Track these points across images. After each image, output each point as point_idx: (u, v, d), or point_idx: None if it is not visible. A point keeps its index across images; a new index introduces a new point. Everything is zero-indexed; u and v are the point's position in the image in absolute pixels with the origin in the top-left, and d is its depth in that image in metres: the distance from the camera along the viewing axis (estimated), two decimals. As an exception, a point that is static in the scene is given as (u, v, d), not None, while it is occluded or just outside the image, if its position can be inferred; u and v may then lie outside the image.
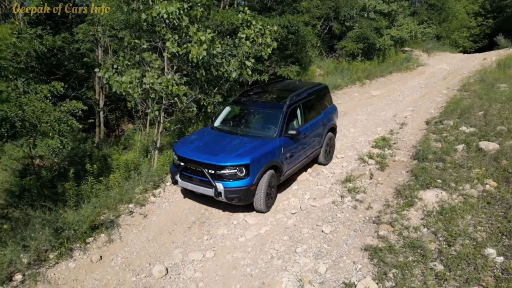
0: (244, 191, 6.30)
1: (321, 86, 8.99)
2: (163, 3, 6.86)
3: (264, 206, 6.69)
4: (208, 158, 6.46)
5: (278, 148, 6.87)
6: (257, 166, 6.36)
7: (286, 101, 7.44)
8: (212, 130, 7.67)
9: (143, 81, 6.92)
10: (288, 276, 4.96)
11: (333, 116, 9.04)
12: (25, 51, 7.07)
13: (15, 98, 5.78)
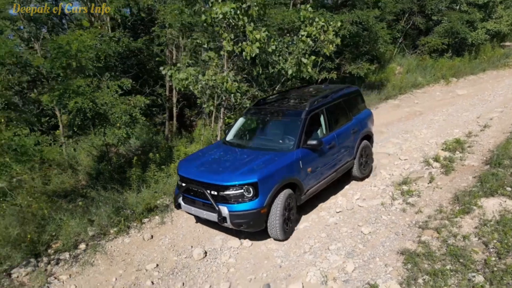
0: (253, 215, 5.33)
1: (351, 89, 8.00)
2: (219, 4, 7.28)
3: (281, 233, 5.67)
4: (210, 177, 5.62)
5: (296, 162, 5.89)
6: (268, 184, 5.40)
7: (305, 106, 6.47)
8: (222, 145, 6.78)
9: (199, 77, 7.42)
10: (315, 271, 4.94)
11: (368, 122, 7.97)
12: (105, 52, 8.11)
13: (90, 92, 6.69)
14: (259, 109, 7.12)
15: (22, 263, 5.59)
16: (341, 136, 6.95)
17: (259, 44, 7.52)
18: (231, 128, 7.16)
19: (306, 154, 6.11)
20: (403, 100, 15.22)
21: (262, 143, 6.59)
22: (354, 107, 7.64)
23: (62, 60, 6.68)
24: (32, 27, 8.71)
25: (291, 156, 5.90)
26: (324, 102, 6.86)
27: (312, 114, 6.47)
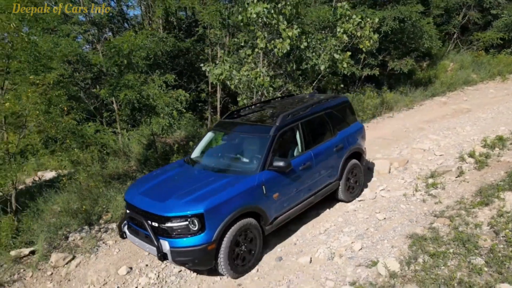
0: (198, 252, 4.48)
1: (338, 100, 6.94)
2: (252, 4, 7.88)
3: (231, 272, 4.82)
4: (151, 205, 4.77)
5: (257, 187, 5.01)
6: (219, 215, 4.55)
7: (276, 122, 5.56)
8: (184, 164, 5.95)
9: (233, 73, 8.09)
10: (324, 249, 5.34)
11: (357, 137, 6.99)
12: (154, 52, 9.10)
13: (137, 86, 7.64)
14: (228, 123, 6.24)
15: (77, 229, 6.64)
16: (320, 155, 6.04)
17: (289, 41, 7.98)
18: (198, 144, 6.42)
19: (272, 177, 5.23)
20: (452, 97, 14.72)
21: (225, 163, 5.84)
22: (339, 120, 6.71)
23: (115, 59, 7.70)
24: (95, 30, 9.99)
25: (253, 180, 5.04)
26: (300, 116, 5.92)
27: (283, 131, 5.59)
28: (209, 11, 9.43)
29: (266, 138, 5.41)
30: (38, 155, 10.74)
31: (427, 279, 4.19)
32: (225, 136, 6.27)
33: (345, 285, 4.39)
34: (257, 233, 5.10)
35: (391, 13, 12.17)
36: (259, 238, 5.15)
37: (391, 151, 9.80)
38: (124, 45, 7.61)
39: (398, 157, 9.19)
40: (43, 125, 5.64)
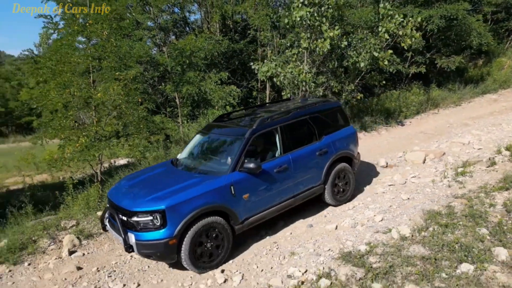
0: (161, 246, 4.81)
1: (327, 105, 7.10)
2: (296, 8, 8.86)
3: (192, 266, 5.09)
4: (123, 200, 5.23)
5: (225, 188, 5.27)
6: (180, 212, 4.85)
7: (253, 125, 5.82)
8: (168, 165, 6.41)
9: (278, 70, 9.13)
10: (349, 220, 6.19)
11: (346, 142, 7.03)
12: (211, 52, 10.44)
13: (197, 82, 8.98)
14: (213, 125, 6.66)
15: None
16: (299, 158, 6.16)
17: (329, 41, 8.84)
18: (186, 146, 6.85)
19: (242, 178, 5.46)
20: (503, 95, 14.47)
21: (202, 163, 6.14)
22: (326, 125, 6.78)
23: (179, 59, 9.11)
24: (162, 35, 11.59)
25: (220, 181, 5.31)
26: (279, 120, 6.10)
27: (258, 134, 5.83)
28: (259, 16, 10.57)
29: (241, 140, 5.68)
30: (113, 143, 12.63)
31: (432, 242, 4.91)
32: (208, 138, 6.49)
33: (361, 244, 5.23)
34: (224, 231, 5.27)
35: (437, 12, 12.43)
36: (226, 236, 5.30)
37: (430, 144, 10.23)
38: (186, 47, 8.98)
39: (436, 149, 9.62)
40: (124, 111, 7.13)
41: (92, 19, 6.77)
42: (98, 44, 7.05)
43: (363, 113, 12.59)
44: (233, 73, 11.95)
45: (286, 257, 5.30)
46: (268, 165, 5.80)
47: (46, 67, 6.81)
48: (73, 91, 6.79)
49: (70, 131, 6.83)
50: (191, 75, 8.85)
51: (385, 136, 11.73)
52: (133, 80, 7.46)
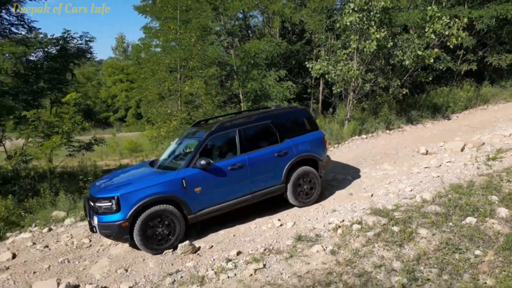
0: (115, 227, 5.69)
1: (292, 111, 7.71)
2: (347, 14, 10.23)
3: (144, 247, 5.86)
4: (93, 190, 6.32)
5: (177, 181, 6.00)
6: (131, 200, 5.68)
7: (212, 128, 6.57)
8: (144, 164, 7.40)
9: (330, 68, 10.56)
10: (383, 190, 7.50)
11: (311, 145, 7.32)
12: (271, 54, 12.13)
13: (259, 79, 10.73)
14: (188, 130, 7.61)
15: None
16: (255, 158, 6.66)
17: (375, 42, 10.09)
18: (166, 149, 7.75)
19: (194, 174, 6.13)
20: (558, 91, 14.46)
21: (168, 162, 6.99)
22: (290, 129, 7.20)
23: (245, 60, 10.92)
24: (229, 38, 13.52)
25: (173, 174, 6.07)
26: (239, 124, 6.75)
27: (216, 135, 6.54)
28: (314, 21, 12.06)
29: (199, 141, 6.46)
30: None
31: (447, 204, 6.13)
32: (181, 141, 7.37)
33: (389, 205, 6.56)
34: (176, 219, 5.97)
35: (487, 12, 12.99)
36: (178, 223, 5.99)
37: (472, 136, 11.04)
38: (251, 49, 10.76)
39: (476, 140, 10.45)
40: (204, 102, 9.07)
41: (182, 29, 8.79)
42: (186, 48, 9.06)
43: (411, 107, 13.51)
44: (289, 71, 13.52)
45: (329, 213, 6.80)
46: (223, 163, 6.43)
47: (147, 67, 8.94)
48: (168, 85, 8.84)
49: (165, 116, 8.90)
50: (255, 73, 10.60)
51: (430, 129, 12.61)
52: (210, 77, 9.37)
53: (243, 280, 4.83)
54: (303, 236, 5.82)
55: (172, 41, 8.78)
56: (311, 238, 5.74)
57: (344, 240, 5.51)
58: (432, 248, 4.97)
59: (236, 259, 5.48)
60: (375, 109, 13.19)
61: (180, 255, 5.88)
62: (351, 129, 11.91)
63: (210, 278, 5.01)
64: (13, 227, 7.95)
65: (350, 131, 11.88)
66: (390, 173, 8.75)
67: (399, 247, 5.09)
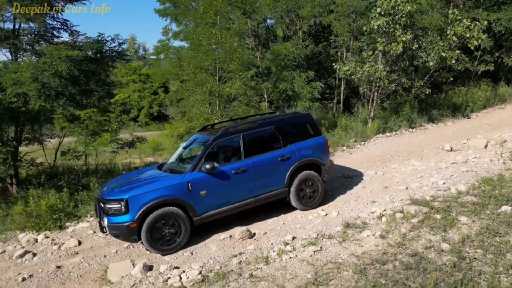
0: (124, 228, 5.95)
1: (296, 116, 7.77)
2: (374, 18, 10.77)
3: (152, 248, 6.13)
4: (103, 192, 6.62)
5: (183, 184, 6.22)
6: (140, 202, 5.92)
7: (217, 133, 6.78)
8: (153, 167, 7.61)
9: (357, 69, 11.11)
10: (417, 183, 8.04)
11: (314, 150, 7.44)
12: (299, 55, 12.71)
13: (290, 79, 11.30)
14: (196, 135, 7.73)
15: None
16: (259, 163, 6.80)
17: (402, 44, 10.63)
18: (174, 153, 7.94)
19: (200, 177, 6.33)
20: None
21: (175, 165, 7.21)
22: (294, 134, 7.34)
23: (276, 61, 11.50)
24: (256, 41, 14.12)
25: (179, 178, 6.30)
26: (244, 129, 6.93)
27: (221, 141, 6.74)
28: (342, 24, 12.64)
29: (205, 145, 6.67)
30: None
31: (482, 194, 6.66)
32: (188, 145, 7.60)
33: (427, 196, 7.10)
34: (181, 220, 6.19)
35: (505, 15, 13.48)
36: (183, 225, 6.21)
37: (493, 134, 11.54)
38: (282, 51, 11.33)
39: (498, 137, 10.95)
40: (243, 101, 9.66)
41: (224, 35, 9.40)
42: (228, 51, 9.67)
43: (431, 107, 14.02)
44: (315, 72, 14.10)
45: (369, 203, 7.35)
46: (227, 167, 6.64)
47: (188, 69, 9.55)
48: (210, 86, 9.44)
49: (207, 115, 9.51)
50: (286, 74, 11.19)
51: (451, 127, 13.12)
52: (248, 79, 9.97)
53: (305, 260, 5.40)
54: (350, 224, 6.37)
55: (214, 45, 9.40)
56: (358, 225, 6.30)
57: (390, 227, 6.06)
58: (474, 233, 5.50)
59: (293, 243, 6.05)
60: (395, 108, 13.71)
61: (238, 240, 6.46)
62: (376, 128, 12.45)
63: (274, 259, 5.58)
64: (70, 217, 8.57)
65: (374, 129, 12.41)
66: (419, 168, 9.28)
67: (443, 232, 5.64)
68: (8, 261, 6.98)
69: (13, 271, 6.53)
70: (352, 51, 12.25)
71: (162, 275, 5.61)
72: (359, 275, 4.74)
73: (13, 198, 9.87)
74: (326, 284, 4.67)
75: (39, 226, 8.03)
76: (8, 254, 7.25)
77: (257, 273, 5.23)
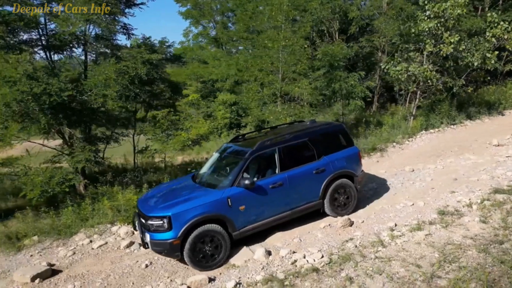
0: (167, 245, 5.90)
1: (330, 127, 7.72)
2: (426, 21, 11.38)
3: (194, 265, 6.08)
4: (144, 207, 6.45)
5: (223, 200, 6.20)
6: (183, 219, 5.89)
7: (253, 146, 6.68)
8: (188, 178, 7.45)
9: (409, 69, 11.70)
10: (486, 175, 8.65)
11: (347, 161, 7.49)
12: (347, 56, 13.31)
13: (343, 79, 11.85)
14: (227, 145, 7.60)
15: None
16: (295, 176, 6.83)
17: (453, 46, 11.25)
18: (206, 162, 7.90)
19: (239, 193, 6.31)
20: None
21: (214, 178, 7.05)
22: (326, 146, 7.32)
23: (328, 61, 12.04)
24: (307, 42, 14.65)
25: (219, 194, 6.24)
26: (279, 142, 6.90)
27: (257, 155, 6.66)
28: (392, 27, 13.25)
29: (241, 160, 6.60)
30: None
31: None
32: (221, 157, 7.49)
33: (504, 186, 7.70)
34: (221, 237, 6.16)
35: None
36: (224, 241, 6.18)
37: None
38: (334, 51, 11.89)
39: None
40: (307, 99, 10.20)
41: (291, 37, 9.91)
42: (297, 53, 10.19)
43: (466, 105, 14.70)
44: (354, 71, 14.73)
45: (449, 194, 7.91)
46: (264, 181, 6.61)
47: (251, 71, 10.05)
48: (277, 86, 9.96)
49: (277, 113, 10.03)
50: (341, 74, 11.81)
51: (489, 124, 13.80)
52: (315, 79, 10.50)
53: (420, 242, 5.93)
54: (444, 211, 6.93)
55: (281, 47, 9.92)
56: (453, 212, 6.86)
57: (485, 213, 6.63)
58: None
59: (397, 228, 6.58)
60: (431, 106, 14.35)
61: (340, 228, 6.98)
62: (419, 125, 13.07)
63: (388, 242, 6.11)
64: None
65: (418, 126, 13.04)
66: (477, 162, 9.89)
67: (540, 216, 6.23)
68: (117, 251, 7.43)
69: (128, 259, 6.98)
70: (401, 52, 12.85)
71: (285, 258, 6.10)
72: (484, 254, 5.29)
73: (77, 196, 10.20)
74: (457, 261, 5.21)
75: (130, 220, 8.46)
76: (111, 245, 7.69)
77: (380, 255, 5.75)
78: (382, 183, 9.34)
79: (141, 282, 6.10)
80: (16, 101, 7.52)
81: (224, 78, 20.39)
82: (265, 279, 5.49)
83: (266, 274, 5.65)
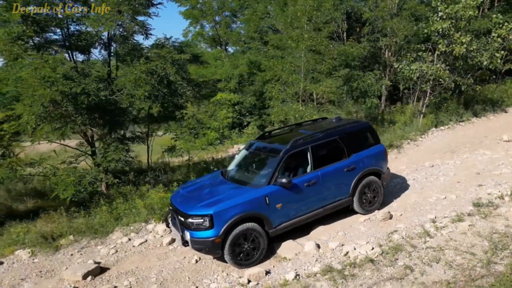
0: (208, 243, 5.95)
1: (358, 125, 7.86)
2: (439, 22, 11.80)
3: (232, 262, 6.14)
4: (182, 205, 6.47)
5: (261, 198, 6.25)
6: (224, 217, 5.93)
7: (287, 145, 6.74)
8: (218, 175, 7.49)
9: (422, 68, 12.10)
10: (506, 169, 9.06)
11: (375, 159, 7.65)
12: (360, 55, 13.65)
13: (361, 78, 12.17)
14: (256, 143, 7.62)
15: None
16: (327, 174, 6.95)
17: (465, 45, 11.70)
18: (234, 158, 8.00)
19: (276, 191, 6.38)
20: None
21: (244, 176, 7.17)
22: (356, 144, 7.46)
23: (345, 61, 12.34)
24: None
25: (258, 192, 6.29)
26: (311, 140, 6.96)
27: (292, 153, 6.71)
28: (407, 28, 13.67)
29: (276, 158, 6.64)
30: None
31: None
32: (251, 154, 7.51)
33: (528, 179, 8.11)
34: (260, 235, 6.21)
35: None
36: (262, 239, 6.24)
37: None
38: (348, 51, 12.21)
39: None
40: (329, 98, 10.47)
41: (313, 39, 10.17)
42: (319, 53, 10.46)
43: (471, 102, 15.26)
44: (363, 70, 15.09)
45: (477, 187, 8.27)
46: (299, 179, 6.70)
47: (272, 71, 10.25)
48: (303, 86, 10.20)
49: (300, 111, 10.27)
50: (359, 73, 12.14)
51: (494, 121, 14.37)
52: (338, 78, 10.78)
53: (466, 232, 6.24)
54: (479, 203, 7.26)
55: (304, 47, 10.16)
56: (487, 204, 7.20)
57: (519, 203, 7.00)
58: None
59: (438, 220, 6.87)
60: (438, 104, 14.84)
61: (381, 221, 7.24)
62: (429, 122, 13.51)
63: (434, 233, 6.40)
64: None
65: (428, 123, 13.47)
66: (493, 157, 10.33)
67: None
68: (160, 248, 7.50)
69: (174, 255, 7.05)
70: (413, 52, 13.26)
71: (335, 250, 6.32)
72: (531, 241, 5.63)
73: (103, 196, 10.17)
74: (507, 248, 5.53)
75: (163, 218, 8.52)
76: (152, 242, 7.75)
77: (430, 245, 6.03)
78: (406, 178, 9.65)
79: (196, 276, 6.20)
80: (53, 102, 7.51)
81: (229, 78, 20.58)
82: (323, 270, 5.70)
83: (323, 265, 5.86)
